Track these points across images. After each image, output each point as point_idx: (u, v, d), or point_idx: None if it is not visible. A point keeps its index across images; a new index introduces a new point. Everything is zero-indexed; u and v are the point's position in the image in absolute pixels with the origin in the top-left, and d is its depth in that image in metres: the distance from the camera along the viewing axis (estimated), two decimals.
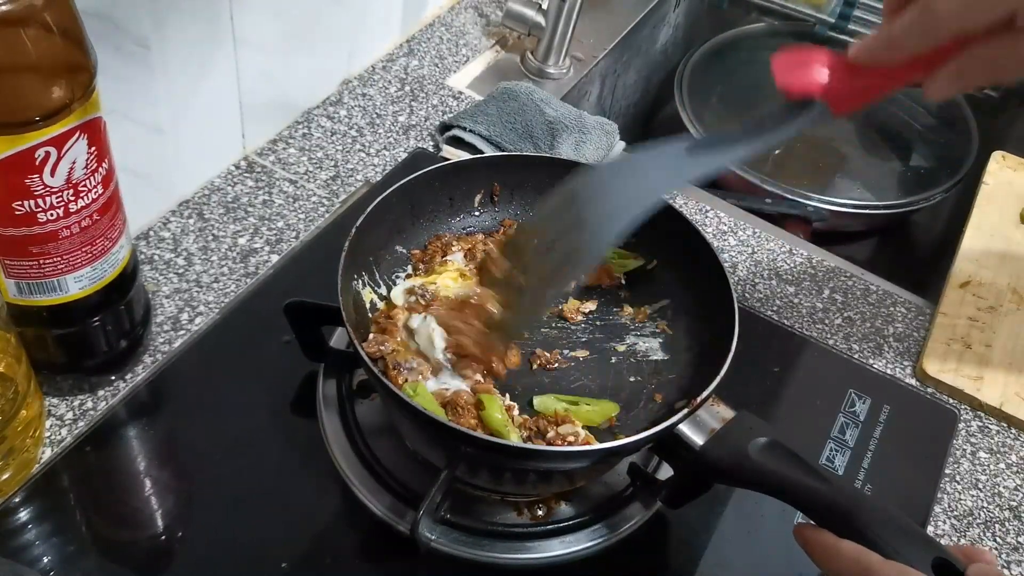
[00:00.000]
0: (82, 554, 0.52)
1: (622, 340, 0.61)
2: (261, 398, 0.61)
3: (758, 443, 0.49)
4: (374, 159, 0.82)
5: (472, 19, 1.02)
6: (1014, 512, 0.65)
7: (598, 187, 0.50)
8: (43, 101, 0.45)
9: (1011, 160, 0.94)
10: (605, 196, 0.49)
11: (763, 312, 0.75)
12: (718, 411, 0.51)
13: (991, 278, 0.80)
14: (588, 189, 0.50)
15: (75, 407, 0.60)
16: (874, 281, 0.80)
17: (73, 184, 0.49)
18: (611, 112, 1.15)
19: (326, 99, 0.87)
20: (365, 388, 0.61)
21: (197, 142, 0.73)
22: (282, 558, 0.53)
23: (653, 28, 1.18)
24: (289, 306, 0.57)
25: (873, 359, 0.73)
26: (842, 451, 0.65)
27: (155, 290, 0.67)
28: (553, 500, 0.57)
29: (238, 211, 0.74)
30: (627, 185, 0.49)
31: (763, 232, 0.83)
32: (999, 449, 0.68)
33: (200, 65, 0.68)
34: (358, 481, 0.56)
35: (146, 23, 0.61)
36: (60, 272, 0.52)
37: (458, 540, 0.54)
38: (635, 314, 0.63)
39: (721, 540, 0.58)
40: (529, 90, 0.85)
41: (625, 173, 0.50)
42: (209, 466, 0.58)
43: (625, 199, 0.48)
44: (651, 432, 0.49)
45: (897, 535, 0.44)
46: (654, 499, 0.57)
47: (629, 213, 0.48)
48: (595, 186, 0.50)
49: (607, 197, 0.49)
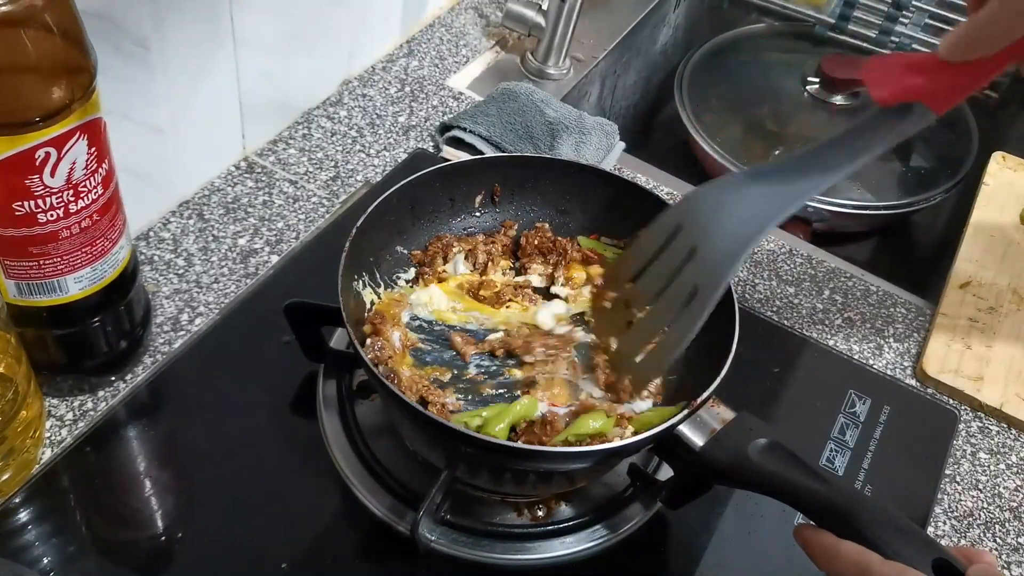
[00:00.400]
0: (82, 554, 0.52)
1: None
2: (261, 398, 0.61)
3: (758, 444, 0.49)
4: (374, 160, 0.82)
5: (472, 20, 1.02)
6: (1014, 513, 0.65)
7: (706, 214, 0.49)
8: (43, 101, 0.45)
9: (1011, 160, 0.94)
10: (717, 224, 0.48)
11: (763, 313, 0.75)
12: (718, 412, 0.51)
13: (991, 279, 0.80)
14: (697, 217, 0.49)
15: (75, 408, 0.60)
16: (874, 282, 0.80)
17: (73, 184, 0.49)
18: (611, 113, 1.15)
19: (326, 99, 0.87)
20: (365, 388, 0.61)
21: (197, 142, 0.73)
22: (282, 558, 0.53)
23: (653, 29, 1.18)
24: (289, 307, 0.57)
25: (873, 360, 0.73)
26: (842, 452, 0.65)
27: (155, 291, 0.67)
28: (553, 501, 0.57)
29: (238, 211, 0.74)
30: (736, 212, 0.48)
31: None
32: (999, 450, 0.68)
33: (200, 65, 0.68)
34: (358, 481, 0.56)
35: (146, 23, 0.61)
36: (60, 273, 0.52)
37: (458, 541, 0.54)
38: None
39: (721, 540, 0.58)
40: (529, 91, 0.85)
41: (731, 198, 0.49)
42: (209, 466, 0.58)
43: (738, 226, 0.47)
44: (651, 433, 0.49)
45: (897, 536, 0.44)
46: (654, 500, 0.57)
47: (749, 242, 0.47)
48: (703, 213, 0.49)
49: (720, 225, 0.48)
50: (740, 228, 0.48)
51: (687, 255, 0.49)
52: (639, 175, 0.86)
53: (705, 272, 0.48)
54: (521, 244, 0.65)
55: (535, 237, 0.65)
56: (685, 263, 0.49)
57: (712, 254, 0.48)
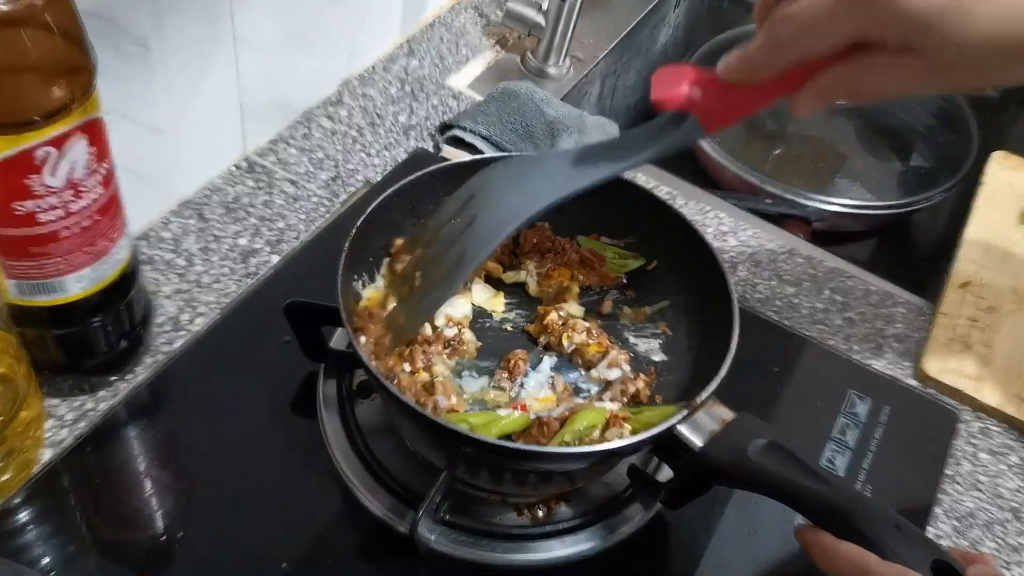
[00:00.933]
0: (82, 554, 0.52)
1: (623, 341, 0.61)
2: (261, 398, 0.61)
3: (757, 444, 0.49)
4: (374, 159, 0.82)
5: (472, 19, 1.02)
6: (1015, 513, 0.65)
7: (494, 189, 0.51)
8: (43, 101, 0.45)
9: (1011, 160, 0.93)
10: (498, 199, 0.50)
11: (763, 312, 0.75)
12: (718, 412, 0.51)
13: (991, 278, 0.80)
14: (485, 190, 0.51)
15: (75, 407, 0.60)
16: (874, 281, 0.80)
17: (73, 184, 0.49)
18: (611, 112, 1.15)
19: (326, 99, 0.87)
20: (365, 388, 0.61)
21: (197, 142, 0.73)
22: (282, 558, 0.53)
23: (653, 28, 1.18)
24: (289, 306, 0.57)
25: (873, 360, 0.73)
26: (842, 452, 0.65)
27: (155, 290, 0.67)
28: (553, 501, 0.57)
29: (238, 211, 0.74)
30: (520, 191, 0.50)
31: (763, 232, 0.83)
32: (999, 450, 0.68)
33: (200, 65, 0.68)
34: (358, 481, 0.56)
35: (146, 23, 0.61)
36: (60, 272, 0.52)
37: (458, 541, 0.54)
38: (635, 315, 0.63)
39: (721, 541, 0.58)
40: (529, 90, 0.85)
41: (519, 178, 0.51)
42: (209, 466, 0.58)
43: (516, 204, 0.49)
44: (650, 433, 0.49)
45: (896, 536, 0.44)
46: (654, 500, 0.57)
47: (517, 219, 0.49)
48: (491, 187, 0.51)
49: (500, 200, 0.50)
50: (518, 203, 0.49)
51: (468, 222, 0.51)
52: (639, 175, 0.86)
53: (474, 239, 0.49)
54: (519, 242, 0.65)
55: (534, 236, 0.65)
56: (464, 231, 0.50)
57: (486, 223, 0.49)
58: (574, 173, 0.49)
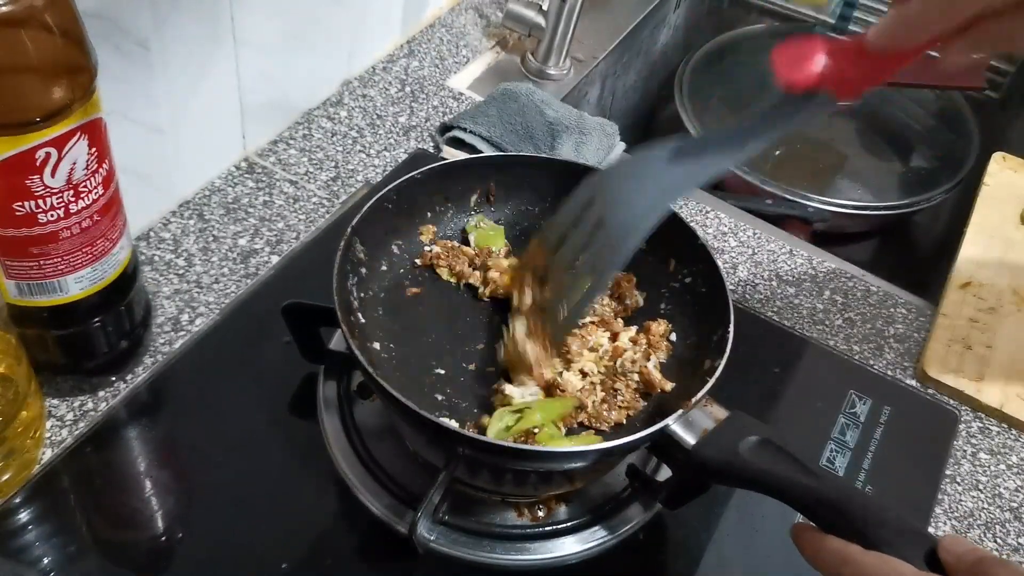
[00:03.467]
0: (82, 555, 0.52)
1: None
2: (261, 399, 0.61)
3: (749, 442, 0.49)
4: (374, 160, 0.82)
5: (472, 20, 1.02)
6: (1015, 513, 0.65)
7: (616, 191, 0.50)
8: (44, 102, 0.45)
9: (1012, 161, 0.93)
10: (625, 200, 0.49)
11: (763, 313, 0.75)
12: (711, 411, 0.51)
13: (992, 279, 0.80)
14: (606, 193, 0.50)
15: (75, 408, 0.60)
16: (874, 282, 0.80)
17: (74, 185, 0.49)
18: (611, 113, 1.15)
19: (326, 100, 0.87)
20: (365, 389, 0.61)
21: (197, 142, 0.73)
22: (282, 558, 0.53)
23: (653, 29, 1.18)
24: (287, 308, 0.57)
25: (874, 360, 0.73)
26: (843, 452, 0.65)
27: (155, 291, 0.67)
28: (553, 501, 0.57)
29: (238, 212, 0.75)
30: (645, 187, 0.49)
31: (763, 233, 0.83)
32: (1000, 450, 0.68)
33: (200, 65, 0.68)
34: (358, 482, 0.56)
35: (146, 23, 0.61)
36: (61, 273, 0.52)
37: (457, 541, 0.54)
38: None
39: (721, 541, 0.58)
40: (529, 91, 0.85)
41: (640, 175, 0.50)
42: (209, 467, 0.58)
43: (645, 201, 0.48)
44: (644, 433, 0.49)
45: (889, 528, 0.44)
46: (653, 500, 0.57)
47: (652, 215, 0.48)
48: (613, 190, 0.50)
49: (627, 201, 0.49)
50: (645, 201, 0.49)
51: (595, 226, 0.50)
52: None
53: (609, 243, 0.49)
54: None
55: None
56: (594, 235, 0.50)
57: (616, 226, 0.49)
58: (702, 162, 0.49)
